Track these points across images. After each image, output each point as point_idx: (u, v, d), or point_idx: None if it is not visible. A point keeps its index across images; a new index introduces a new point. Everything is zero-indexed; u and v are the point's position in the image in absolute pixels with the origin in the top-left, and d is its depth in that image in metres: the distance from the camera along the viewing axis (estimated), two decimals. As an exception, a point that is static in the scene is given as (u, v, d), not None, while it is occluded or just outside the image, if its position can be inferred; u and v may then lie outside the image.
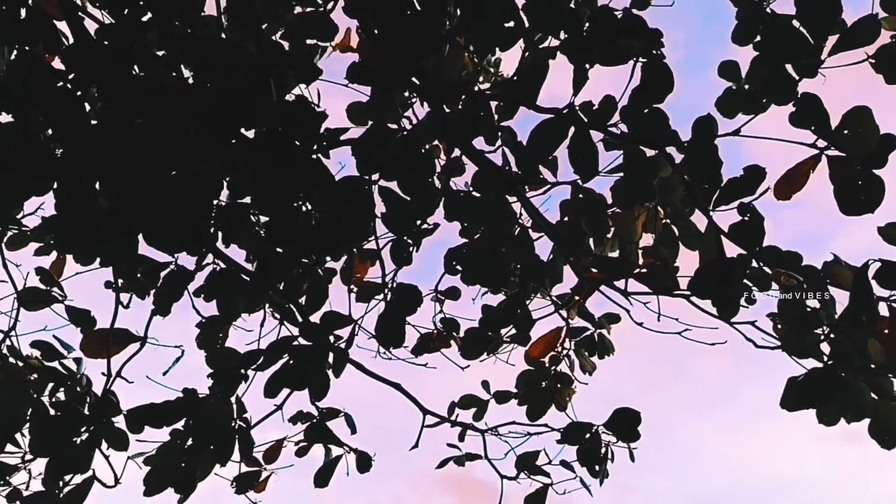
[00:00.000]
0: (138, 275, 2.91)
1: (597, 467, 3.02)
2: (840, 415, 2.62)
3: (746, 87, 2.48)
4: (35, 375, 3.04)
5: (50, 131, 2.43)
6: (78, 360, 3.15)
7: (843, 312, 2.68)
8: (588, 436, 3.21)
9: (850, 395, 2.59)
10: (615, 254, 3.00)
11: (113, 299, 3.11)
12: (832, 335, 2.71)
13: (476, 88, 2.73)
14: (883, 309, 2.62)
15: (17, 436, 3.02)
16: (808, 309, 2.73)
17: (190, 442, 3.00)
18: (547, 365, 3.39)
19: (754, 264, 2.77)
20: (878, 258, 2.61)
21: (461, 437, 3.61)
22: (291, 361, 2.91)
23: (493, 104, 2.62)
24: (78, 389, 2.96)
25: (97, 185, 2.43)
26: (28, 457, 3.09)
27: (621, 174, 2.80)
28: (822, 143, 2.37)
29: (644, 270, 2.85)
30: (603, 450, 3.07)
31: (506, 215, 2.90)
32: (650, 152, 2.61)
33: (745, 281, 2.84)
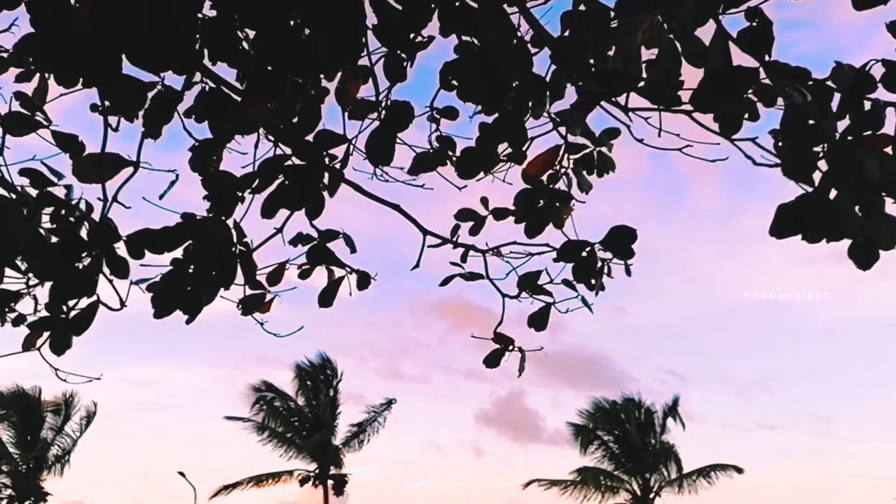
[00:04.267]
0: (124, 96, 2.81)
1: (593, 280, 3.10)
2: (824, 233, 2.63)
3: None
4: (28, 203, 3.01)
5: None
6: (69, 187, 3.11)
7: (846, 128, 2.64)
8: (584, 254, 3.27)
9: (837, 217, 2.59)
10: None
11: (101, 126, 3.04)
12: (831, 153, 2.68)
13: None
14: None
15: (19, 262, 3.03)
16: (811, 123, 2.68)
17: (193, 268, 3.05)
18: (545, 183, 3.37)
19: (761, 77, 2.69)
20: (881, 58, 2.53)
21: (463, 258, 3.66)
22: (287, 182, 2.89)
23: None
24: (76, 214, 2.95)
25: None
26: (32, 282, 3.12)
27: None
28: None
29: (646, 84, 2.76)
30: (599, 265, 3.13)
31: (504, 27, 2.76)
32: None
33: (749, 96, 2.77)
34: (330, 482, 34.19)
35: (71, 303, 3.11)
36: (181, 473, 37.82)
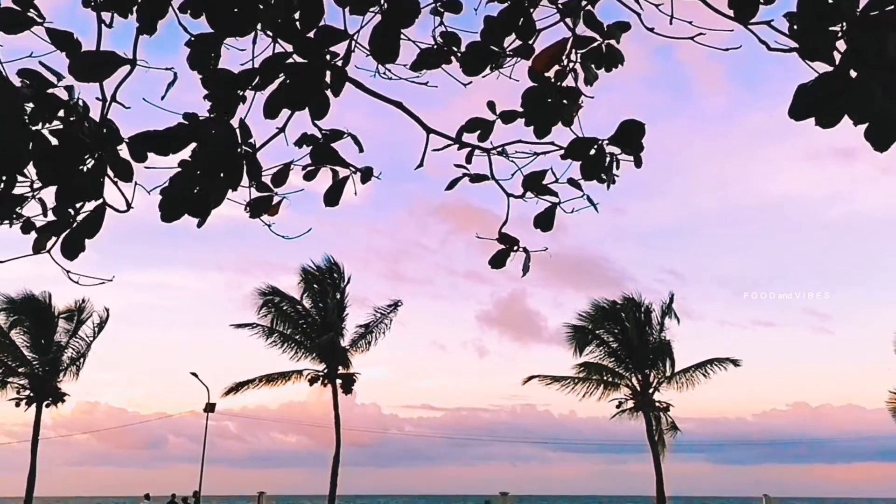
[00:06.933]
0: (116, -10, 2.70)
1: (603, 175, 3.06)
2: (842, 115, 2.55)
3: None
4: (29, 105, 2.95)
5: None
6: (69, 88, 3.04)
7: (867, 4, 2.54)
8: (593, 151, 3.22)
9: (859, 97, 2.51)
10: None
11: (93, 24, 2.94)
12: (850, 30, 2.58)
13: None
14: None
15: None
16: (830, 2, 2.57)
17: (200, 169, 3.01)
18: (552, 80, 3.27)
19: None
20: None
21: (468, 159, 3.59)
22: (288, 81, 2.82)
23: None
24: (75, 114, 2.89)
25: None
26: (37, 185, 3.09)
27: None
28: None
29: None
30: (608, 159, 3.08)
31: None
32: None
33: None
34: (338, 381, 35.27)
35: (77, 206, 3.09)
36: (194, 374, 39.03)
